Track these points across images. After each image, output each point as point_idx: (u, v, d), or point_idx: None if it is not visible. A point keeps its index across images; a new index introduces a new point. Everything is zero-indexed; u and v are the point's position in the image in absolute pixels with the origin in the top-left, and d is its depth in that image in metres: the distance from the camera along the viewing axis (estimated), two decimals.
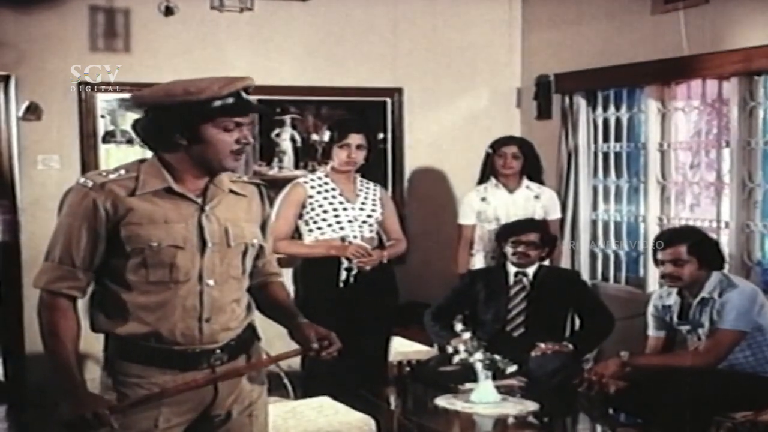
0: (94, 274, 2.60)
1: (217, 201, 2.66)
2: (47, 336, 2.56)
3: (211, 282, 2.62)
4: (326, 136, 4.99)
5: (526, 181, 5.56)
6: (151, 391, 2.59)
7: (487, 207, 5.53)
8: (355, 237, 4.86)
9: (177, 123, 2.56)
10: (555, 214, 5.68)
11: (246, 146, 2.62)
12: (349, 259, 4.78)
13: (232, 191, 2.72)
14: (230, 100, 2.57)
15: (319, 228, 4.87)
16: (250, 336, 2.77)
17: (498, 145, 5.57)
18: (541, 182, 5.66)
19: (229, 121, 2.58)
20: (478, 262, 5.54)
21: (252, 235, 2.74)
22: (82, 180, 2.61)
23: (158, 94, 2.58)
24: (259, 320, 2.83)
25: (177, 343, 2.60)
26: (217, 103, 2.55)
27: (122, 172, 2.61)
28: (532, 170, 5.60)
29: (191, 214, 2.62)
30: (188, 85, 2.56)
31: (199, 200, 2.64)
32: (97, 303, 2.63)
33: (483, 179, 5.61)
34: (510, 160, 5.50)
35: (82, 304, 2.64)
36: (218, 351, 2.65)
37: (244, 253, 2.72)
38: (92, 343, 2.80)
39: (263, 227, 2.82)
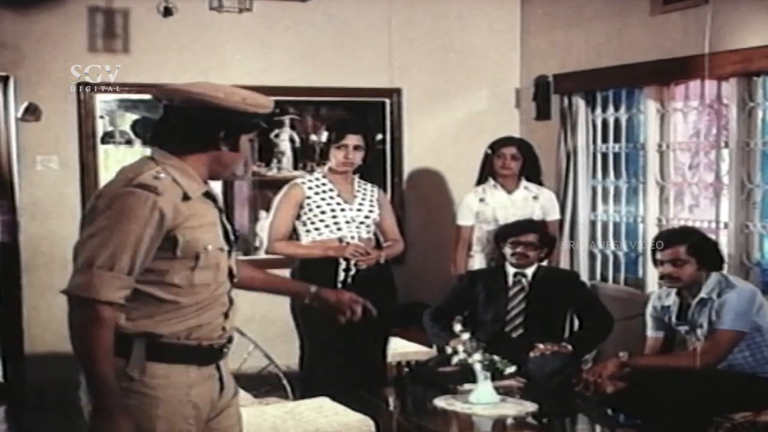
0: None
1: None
2: (95, 351, 2.40)
3: (236, 280, 2.71)
4: (324, 136, 4.98)
5: (524, 182, 5.56)
6: (176, 390, 2.54)
7: (485, 208, 5.52)
8: (352, 238, 4.85)
9: (224, 128, 2.59)
10: (554, 215, 5.68)
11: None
12: (347, 260, 4.77)
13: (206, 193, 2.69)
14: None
15: (317, 229, 4.86)
16: None
17: (497, 145, 5.57)
18: (539, 183, 5.66)
19: (253, 134, 2.68)
20: (477, 263, 5.54)
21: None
22: (137, 183, 2.46)
23: (218, 95, 2.55)
24: (260, 321, 2.84)
25: (208, 339, 2.60)
26: (257, 117, 2.65)
27: (162, 175, 2.52)
28: (531, 171, 5.60)
29: (217, 215, 2.67)
30: (246, 95, 2.59)
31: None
32: (134, 304, 2.50)
33: (481, 180, 5.61)
34: (509, 161, 5.50)
35: None
36: (228, 344, 2.70)
37: None
38: None
39: None
